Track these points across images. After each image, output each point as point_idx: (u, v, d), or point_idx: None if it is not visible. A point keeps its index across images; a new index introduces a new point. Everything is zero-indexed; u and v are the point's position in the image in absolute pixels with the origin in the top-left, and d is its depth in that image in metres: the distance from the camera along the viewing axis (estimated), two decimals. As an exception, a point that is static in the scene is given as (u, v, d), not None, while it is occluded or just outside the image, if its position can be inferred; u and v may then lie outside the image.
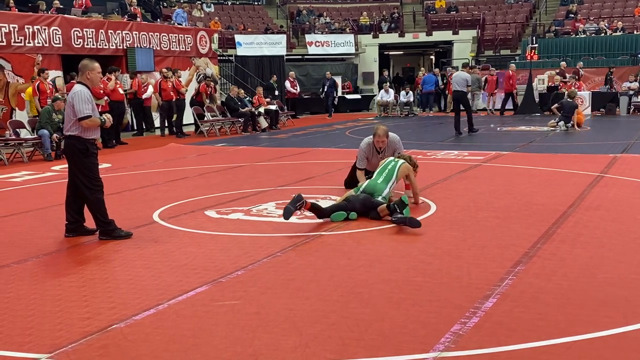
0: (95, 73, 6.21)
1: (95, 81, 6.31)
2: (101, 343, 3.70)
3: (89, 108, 6.03)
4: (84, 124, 6.04)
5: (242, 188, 8.81)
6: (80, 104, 6.01)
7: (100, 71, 6.30)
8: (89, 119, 6.03)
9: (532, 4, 32.09)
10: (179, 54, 21.13)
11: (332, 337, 3.70)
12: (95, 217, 6.20)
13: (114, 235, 6.16)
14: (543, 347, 3.51)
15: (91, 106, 6.07)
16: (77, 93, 6.08)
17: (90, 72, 6.18)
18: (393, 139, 8.11)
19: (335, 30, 30.27)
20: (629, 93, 21.55)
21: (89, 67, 6.17)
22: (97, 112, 6.30)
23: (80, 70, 6.25)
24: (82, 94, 6.05)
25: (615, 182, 8.54)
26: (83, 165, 6.12)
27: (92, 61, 6.31)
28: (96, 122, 6.15)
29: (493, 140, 14.59)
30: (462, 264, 5.09)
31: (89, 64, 6.20)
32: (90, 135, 6.17)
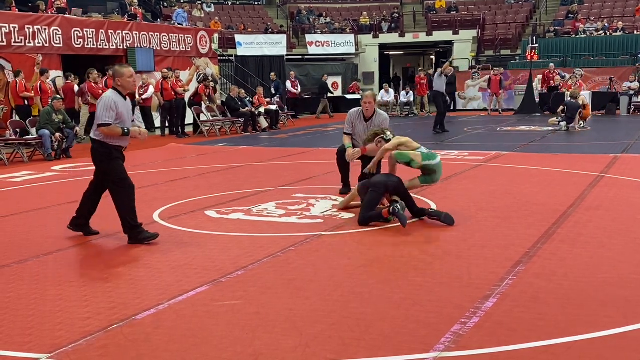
0: (125, 79, 5.99)
1: (127, 87, 6.07)
2: (101, 343, 3.70)
3: (109, 116, 5.83)
4: (101, 131, 5.89)
5: (242, 188, 8.81)
6: (101, 110, 5.86)
7: (132, 75, 6.05)
8: (107, 127, 5.85)
9: (532, 4, 32.08)
10: (179, 54, 21.13)
11: (332, 337, 3.70)
12: (123, 220, 6.04)
13: (141, 238, 5.98)
14: (543, 347, 3.51)
15: (114, 114, 5.84)
16: (102, 99, 5.96)
17: (120, 79, 6.00)
18: (384, 115, 8.12)
19: (335, 30, 30.27)
20: (629, 93, 21.55)
21: (119, 73, 6.01)
22: (127, 122, 6.04)
23: (113, 76, 6.10)
24: (106, 100, 5.89)
25: (616, 182, 8.54)
26: (107, 168, 6.00)
27: (123, 66, 6.14)
28: (115, 132, 5.88)
29: (493, 140, 14.59)
30: (462, 264, 5.09)
31: (118, 70, 6.04)
32: (115, 142, 5.98)
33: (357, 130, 8.04)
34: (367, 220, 6.49)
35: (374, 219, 6.51)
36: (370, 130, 7.51)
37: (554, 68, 23.37)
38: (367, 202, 6.59)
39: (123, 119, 5.95)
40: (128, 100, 6.13)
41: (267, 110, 19.41)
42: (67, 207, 7.94)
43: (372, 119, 7.93)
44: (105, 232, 6.48)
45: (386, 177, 6.78)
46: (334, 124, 20.92)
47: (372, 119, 7.93)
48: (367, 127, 7.92)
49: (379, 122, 7.89)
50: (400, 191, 6.65)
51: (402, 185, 6.69)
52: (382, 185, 6.61)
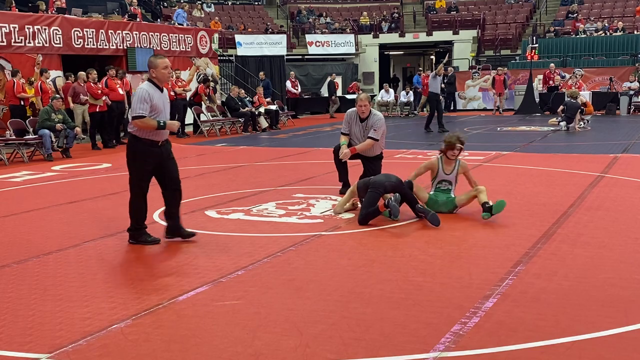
0: (159, 70, 5.78)
1: (162, 78, 5.85)
2: (101, 343, 3.70)
3: (143, 108, 5.66)
4: (135, 124, 5.72)
5: (242, 188, 8.81)
6: (135, 103, 5.72)
7: (167, 66, 5.82)
8: (140, 119, 5.66)
9: (532, 4, 32.09)
10: (180, 54, 21.12)
11: (332, 337, 3.70)
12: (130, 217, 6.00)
13: (140, 240, 5.92)
14: (543, 347, 3.51)
15: (148, 106, 5.67)
16: (137, 91, 5.81)
17: (155, 70, 5.79)
18: (378, 115, 8.07)
19: (335, 30, 30.27)
20: (629, 93, 21.54)
21: (153, 64, 5.81)
22: (163, 114, 5.84)
23: (148, 68, 5.90)
24: (140, 92, 5.74)
25: (616, 182, 8.54)
26: (131, 164, 5.88)
27: (157, 57, 5.90)
28: (149, 124, 5.68)
29: (493, 140, 14.59)
30: (462, 264, 5.09)
31: (153, 61, 5.83)
32: (150, 135, 5.76)
33: (354, 131, 8.08)
34: (366, 218, 6.51)
35: (371, 215, 6.53)
36: None
37: (554, 68, 23.37)
38: (366, 202, 6.62)
39: (158, 111, 5.76)
40: (165, 92, 5.96)
41: (267, 110, 19.41)
42: (67, 207, 7.95)
43: (367, 119, 7.96)
44: (105, 232, 6.48)
45: (385, 178, 6.78)
46: (334, 123, 20.91)
47: (367, 120, 7.96)
48: (362, 127, 7.97)
49: (373, 122, 7.92)
50: (399, 191, 6.66)
51: (401, 185, 6.69)
52: (382, 186, 6.62)
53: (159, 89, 5.84)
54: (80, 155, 13.58)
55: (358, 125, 8.03)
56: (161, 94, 5.85)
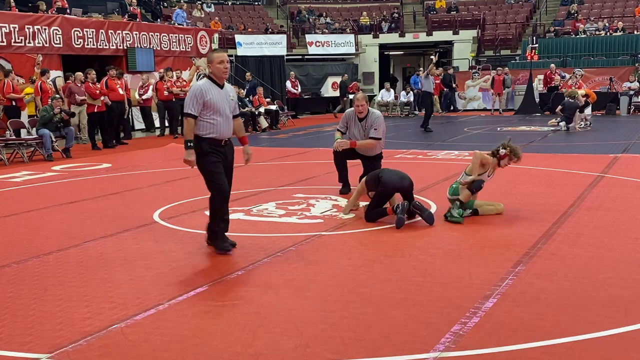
0: (215, 65, 5.49)
1: (216, 73, 5.53)
2: (102, 343, 3.70)
3: (193, 106, 5.39)
4: (185, 121, 5.47)
5: (242, 188, 8.81)
6: (187, 100, 5.48)
7: (223, 61, 5.49)
8: (187, 118, 5.41)
9: (532, 4, 32.08)
10: (179, 54, 21.14)
11: (332, 337, 3.70)
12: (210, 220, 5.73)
13: (215, 244, 5.64)
14: (543, 347, 3.51)
15: (199, 105, 5.39)
16: (192, 87, 5.56)
17: (211, 65, 5.54)
18: (376, 113, 8.13)
19: (335, 30, 30.27)
20: (629, 93, 21.54)
21: (209, 58, 5.55)
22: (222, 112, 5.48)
23: (207, 63, 5.65)
24: (193, 89, 5.48)
25: (616, 182, 8.54)
26: (200, 165, 5.54)
27: (215, 51, 5.63)
28: (188, 129, 5.42)
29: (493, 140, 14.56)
30: (462, 264, 5.09)
31: (209, 55, 5.57)
32: (208, 133, 5.46)
33: (352, 131, 8.15)
34: (374, 217, 6.57)
35: (379, 215, 6.57)
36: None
37: (554, 68, 23.38)
38: (376, 201, 6.61)
39: (215, 108, 5.44)
40: (226, 89, 5.61)
41: (267, 110, 19.41)
42: (67, 207, 7.95)
43: (366, 119, 8.01)
44: (105, 232, 6.48)
45: (399, 180, 6.62)
46: (334, 124, 20.92)
47: (366, 120, 8.00)
48: (361, 127, 8.03)
49: (373, 122, 7.97)
50: (409, 196, 6.62)
51: (412, 189, 6.65)
52: (393, 188, 6.57)
53: (218, 85, 5.53)
54: (80, 155, 13.58)
55: (357, 125, 8.07)
56: (220, 90, 5.52)
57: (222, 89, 5.57)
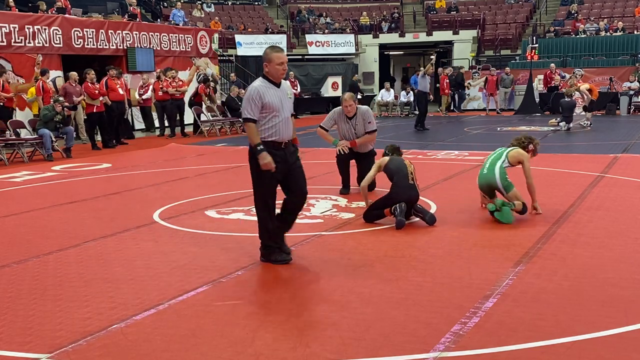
0: (273, 66, 5.05)
1: (274, 75, 5.09)
2: (102, 343, 3.70)
3: (249, 110, 5.01)
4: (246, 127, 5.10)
5: (242, 188, 8.80)
6: (244, 103, 5.13)
7: (282, 62, 5.06)
8: (247, 123, 5.04)
9: (532, 4, 32.09)
10: (179, 54, 21.13)
11: (332, 337, 3.70)
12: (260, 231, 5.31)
13: (271, 259, 5.24)
14: (543, 347, 3.51)
15: (257, 107, 5.00)
16: (248, 89, 5.18)
17: (268, 65, 5.08)
18: (363, 108, 8.32)
19: (335, 30, 30.27)
20: (629, 93, 21.54)
21: (268, 57, 5.08)
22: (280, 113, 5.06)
23: (263, 61, 5.18)
24: (249, 91, 5.10)
25: (616, 182, 8.54)
26: (251, 169, 5.15)
27: (274, 50, 5.14)
28: (251, 133, 5.01)
29: (493, 140, 14.57)
30: (462, 264, 5.09)
31: (268, 54, 5.09)
32: (268, 136, 5.05)
33: (342, 129, 8.34)
34: (371, 218, 6.55)
35: (376, 217, 6.56)
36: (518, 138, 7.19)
37: (554, 68, 23.39)
38: (380, 203, 6.54)
39: (273, 110, 5.03)
40: (283, 87, 5.18)
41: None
42: (67, 207, 7.95)
43: (355, 117, 8.19)
44: (105, 232, 6.48)
45: (409, 189, 6.48)
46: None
47: (355, 117, 8.19)
48: (352, 125, 8.21)
49: (364, 116, 8.19)
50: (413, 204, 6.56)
51: (417, 199, 6.57)
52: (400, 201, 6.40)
53: (275, 85, 5.11)
54: (80, 155, 13.58)
55: (347, 124, 8.27)
56: (277, 90, 5.11)
57: (279, 87, 5.16)
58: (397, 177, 6.55)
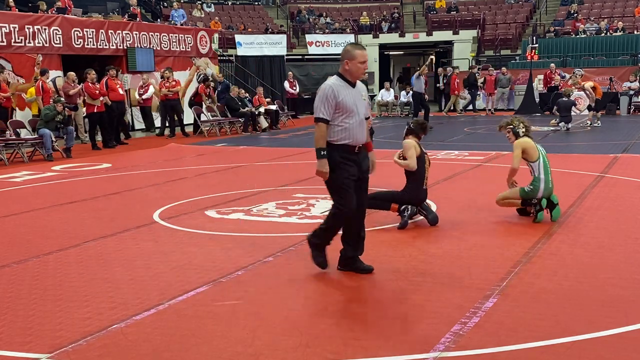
0: (355, 64, 4.70)
1: (354, 73, 4.75)
2: (102, 343, 3.70)
3: (322, 109, 4.66)
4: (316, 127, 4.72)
5: (242, 188, 8.81)
6: (316, 102, 4.76)
7: (365, 60, 4.75)
8: (318, 123, 4.70)
9: (532, 4, 32.08)
10: (179, 54, 21.12)
11: (332, 337, 3.70)
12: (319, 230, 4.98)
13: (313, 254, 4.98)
14: (543, 347, 3.51)
15: (331, 107, 4.65)
16: (321, 88, 4.79)
17: (350, 62, 4.71)
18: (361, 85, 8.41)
19: (335, 30, 30.27)
20: (629, 93, 21.54)
21: (349, 54, 4.71)
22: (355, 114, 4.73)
23: (341, 58, 4.81)
24: (323, 90, 4.73)
25: (616, 182, 8.54)
26: (330, 179, 4.81)
27: (356, 47, 4.81)
28: (320, 135, 4.67)
29: (493, 140, 14.57)
30: (462, 264, 5.09)
31: (350, 51, 4.73)
32: (340, 139, 4.72)
33: None
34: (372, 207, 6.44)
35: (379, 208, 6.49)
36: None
37: (554, 68, 23.40)
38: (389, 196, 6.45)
39: (347, 110, 4.70)
40: (358, 88, 4.86)
41: (267, 110, 19.41)
42: (67, 207, 7.95)
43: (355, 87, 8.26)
44: (105, 232, 6.48)
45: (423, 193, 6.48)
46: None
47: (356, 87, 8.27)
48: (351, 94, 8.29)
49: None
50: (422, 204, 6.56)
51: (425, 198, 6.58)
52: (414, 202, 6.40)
53: (350, 84, 4.78)
54: (80, 155, 13.58)
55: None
56: (352, 90, 4.79)
57: (354, 88, 4.83)
58: (418, 180, 6.44)
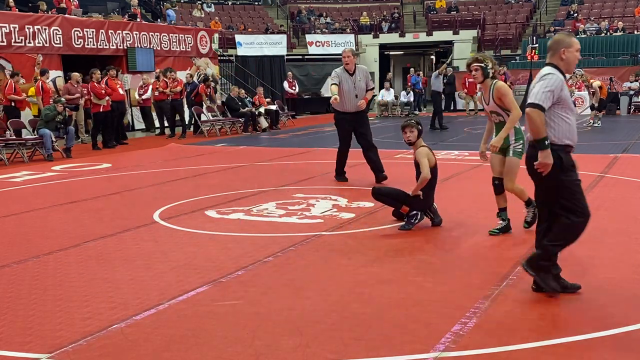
0: (572, 52, 4.28)
1: (571, 62, 4.32)
2: (102, 343, 3.70)
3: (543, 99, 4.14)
4: (527, 114, 4.16)
5: (242, 188, 8.81)
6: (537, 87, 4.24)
7: (579, 49, 4.37)
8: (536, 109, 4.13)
9: (532, 4, 32.10)
10: (180, 54, 21.13)
11: (332, 337, 3.70)
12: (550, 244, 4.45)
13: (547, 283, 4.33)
14: (543, 347, 3.51)
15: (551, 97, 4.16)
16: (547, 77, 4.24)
17: (567, 50, 4.28)
18: (363, 67, 9.22)
19: (335, 30, 30.28)
20: (629, 93, 21.54)
21: (565, 42, 4.31)
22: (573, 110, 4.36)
23: (552, 49, 4.36)
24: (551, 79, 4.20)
25: (616, 182, 8.53)
26: (559, 181, 4.27)
27: (569, 35, 4.47)
28: (536, 124, 4.13)
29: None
30: (462, 264, 5.09)
31: (564, 39, 4.34)
32: (562, 138, 4.24)
33: (344, 87, 8.90)
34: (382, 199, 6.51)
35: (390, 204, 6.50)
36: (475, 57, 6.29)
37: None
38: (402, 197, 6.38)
39: (569, 106, 4.30)
40: None
41: (267, 110, 19.41)
42: (67, 207, 7.95)
43: (355, 73, 8.88)
44: (105, 232, 6.48)
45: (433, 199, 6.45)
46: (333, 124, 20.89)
47: (355, 73, 8.88)
48: (352, 81, 8.86)
49: (363, 74, 8.96)
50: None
51: None
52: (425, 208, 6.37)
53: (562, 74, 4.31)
54: (80, 155, 13.58)
55: (347, 81, 8.86)
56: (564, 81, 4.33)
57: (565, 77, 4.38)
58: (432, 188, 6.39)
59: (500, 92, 5.89)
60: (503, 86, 5.94)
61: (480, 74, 5.98)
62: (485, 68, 5.96)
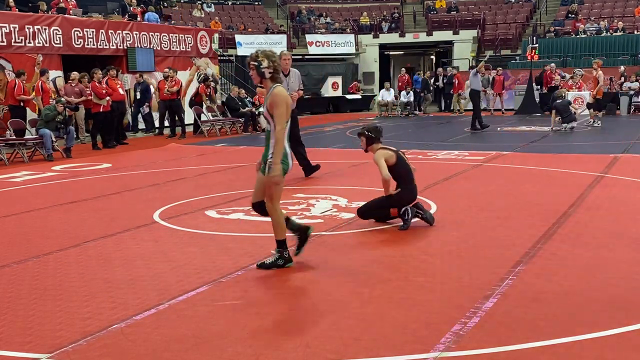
0: None
1: None
2: (102, 343, 3.70)
3: None
4: None
5: (242, 188, 8.81)
6: None
7: None
8: None
9: (532, 4, 32.11)
10: (180, 54, 21.12)
11: (332, 337, 3.70)
12: None
13: None
14: (543, 347, 3.51)
15: None
16: None
17: None
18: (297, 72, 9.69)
19: (335, 30, 30.29)
20: (629, 93, 21.54)
21: None
22: None
23: None
24: None
25: (616, 182, 8.53)
26: None
27: None
28: None
29: (494, 140, 14.59)
30: (462, 264, 5.09)
31: None
32: None
33: None
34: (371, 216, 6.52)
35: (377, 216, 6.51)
36: None
37: (554, 68, 23.41)
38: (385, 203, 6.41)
39: None
40: None
41: (267, 110, 19.38)
42: (67, 207, 7.95)
43: (289, 75, 9.31)
44: (105, 232, 6.48)
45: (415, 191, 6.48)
46: (333, 124, 20.92)
47: (289, 75, 9.31)
48: (286, 82, 9.14)
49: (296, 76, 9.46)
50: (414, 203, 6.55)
51: None
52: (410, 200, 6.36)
53: None
54: (80, 155, 13.58)
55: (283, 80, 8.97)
56: None
57: None
58: (408, 177, 6.47)
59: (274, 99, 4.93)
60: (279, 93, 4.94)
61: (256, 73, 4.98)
62: (258, 67, 4.93)
